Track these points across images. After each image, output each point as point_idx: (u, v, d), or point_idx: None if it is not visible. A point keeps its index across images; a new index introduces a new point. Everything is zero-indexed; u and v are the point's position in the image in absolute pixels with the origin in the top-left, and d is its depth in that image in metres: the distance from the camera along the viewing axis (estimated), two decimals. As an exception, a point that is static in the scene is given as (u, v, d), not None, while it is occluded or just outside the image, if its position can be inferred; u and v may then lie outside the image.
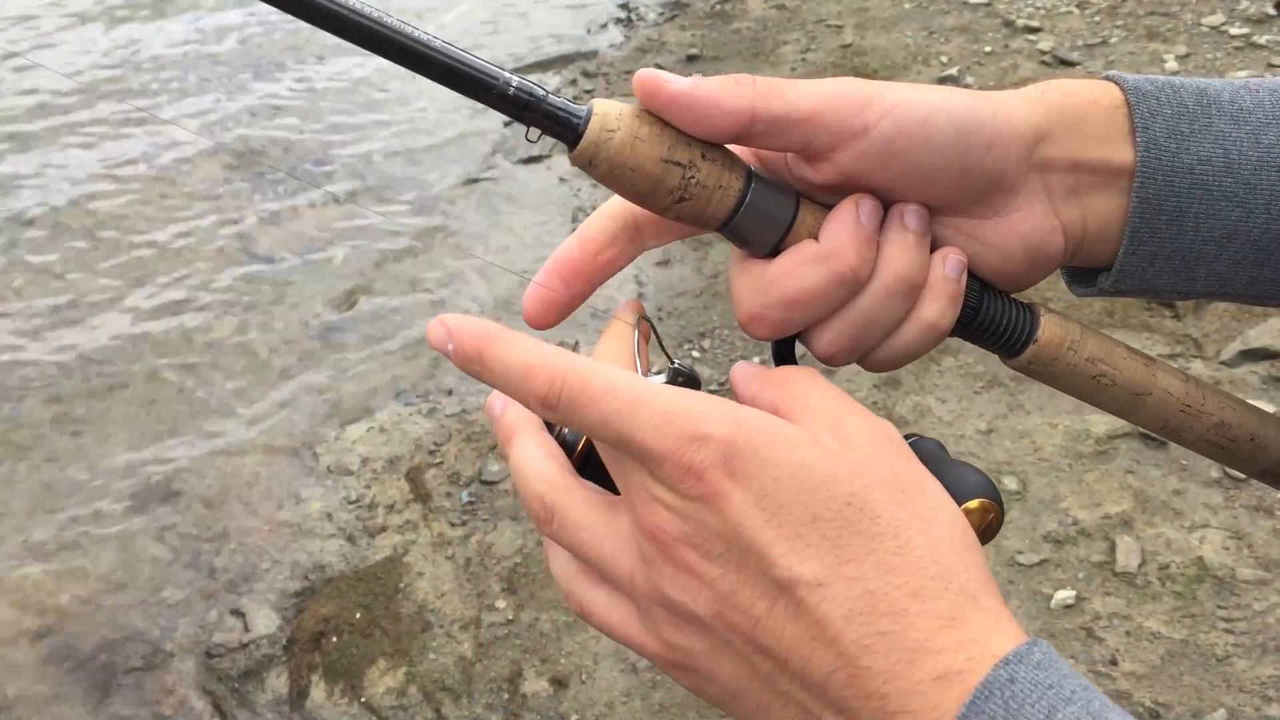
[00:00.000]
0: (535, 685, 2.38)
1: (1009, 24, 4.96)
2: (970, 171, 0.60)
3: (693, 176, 0.57)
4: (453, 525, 2.76)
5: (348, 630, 2.53)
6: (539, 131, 0.57)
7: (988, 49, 4.79)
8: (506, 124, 4.53)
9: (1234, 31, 4.57)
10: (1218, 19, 4.69)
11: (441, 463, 2.95)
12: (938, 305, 0.61)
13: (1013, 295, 0.66)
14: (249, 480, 3.01)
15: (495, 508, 2.79)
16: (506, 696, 2.37)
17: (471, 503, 2.81)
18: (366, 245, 3.98)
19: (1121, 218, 0.63)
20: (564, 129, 0.57)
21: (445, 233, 4.02)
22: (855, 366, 0.66)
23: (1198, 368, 2.94)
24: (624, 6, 5.84)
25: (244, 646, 2.53)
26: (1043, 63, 4.58)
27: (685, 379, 0.69)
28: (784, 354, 0.65)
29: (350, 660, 2.47)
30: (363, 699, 2.40)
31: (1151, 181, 0.61)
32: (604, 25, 5.66)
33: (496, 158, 4.46)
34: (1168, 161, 0.61)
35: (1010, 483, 2.69)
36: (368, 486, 2.92)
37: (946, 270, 0.61)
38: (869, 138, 0.58)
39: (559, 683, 2.38)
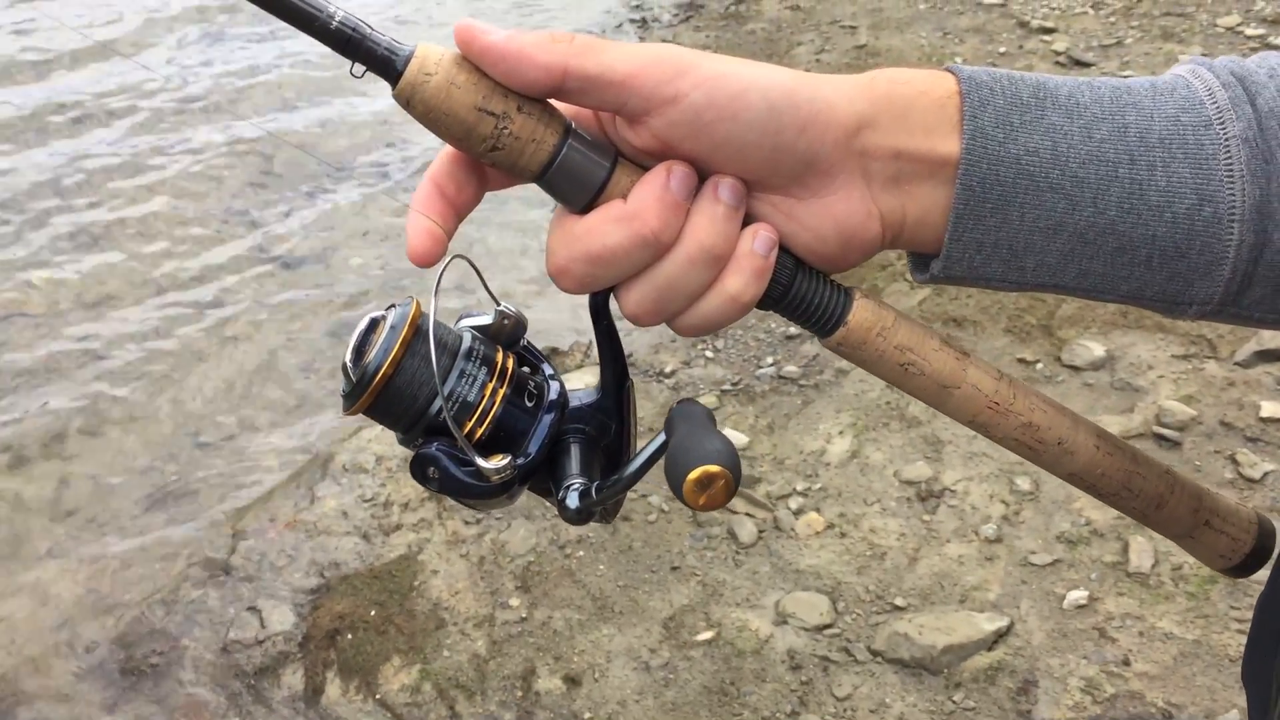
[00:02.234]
0: (548, 683, 2.39)
1: (1024, 25, 4.96)
2: (782, 150, 0.60)
3: (506, 127, 0.59)
4: (467, 524, 2.77)
5: (363, 627, 2.54)
6: (363, 68, 0.59)
7: (1002, 50, 4.78)
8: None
9: (1250, 32, 4.56)
10: (1234, 19, 4.68)
11: (456, 461, 2.97)
12: (741, 278, 0.62)
13: (832, 277, 0.67)
14: (266, 479, 3.03)
15: (509, 506, 2.80)
16: (520, 694, 2.38)
17: (486, 501, 2.82)
18: (382, 247, 4.00)
19: (945, 207, 0.63)
20: (385, 68, 0.58)
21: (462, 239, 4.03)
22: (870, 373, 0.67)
23: (1212, 369, 2.93)
24: (638, 8, 5.85)
25: (260, 643, 2.55)
26: (1058, 63, 4.57)
27: (513, 321, 0.70)
28: (599, 308, 0.66)
29: (365, 657, 2.49)
30: (377, 696, 2.42)
31: (976, 169, 0.61)
32: (619, 26, 5.67)
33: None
34: (994, 150, 0.61)
35: (1023, 483, 2.69)
36: (383, 485, 2.94)
37: (755, 245, 0.62)
38: (679, 106, 0.59)
39: (572, 680, 2.39)
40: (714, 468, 0.58)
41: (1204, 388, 2.89)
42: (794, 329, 3.32)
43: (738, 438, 2.93)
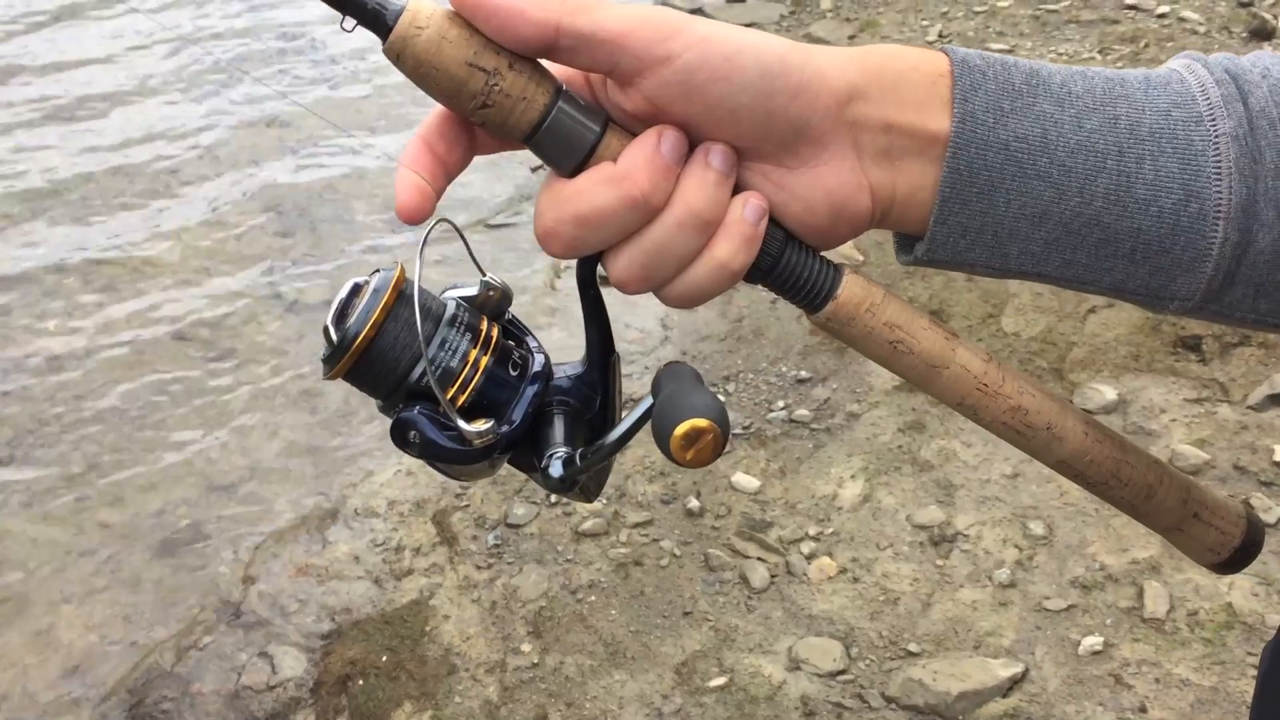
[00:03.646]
0: (560, 730, 2.38)
1: (1031, 70, 4.99)
2: (774, 115, 0.60)
3: (496, 84, 0.59)
4: (478, 568, 2.77)
5: (374, 673, 2.53)
6: (354, 22, 0.59)
7: (1010, 94, 4.81)
8: (534, 168, 4.57)
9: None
10: (1240, 64, 4.71)
11: (468, 506, 2.97)
12: (731, 245, 0.62)
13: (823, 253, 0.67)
14: (276, 523, 3.03)
15: (521, 551, 2.80)
16: (532, 741, 2.37)
17: (497, 546, 2.82)
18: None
19: (933, 186, 0.62)
20: (376, 21, 0.58)
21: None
22: (881, 411, 0.68)
23: (1225, 412, 2.93)
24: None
25: (271, 689, 2.54)
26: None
27: (499, 293, 0.71)
28: (586, 277, 0.66)
29: (376, 703, 2.48)
30: (388, 742, 2.41)
31: (964, 153, 0.61)
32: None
33: (524, 206, 4.50)
34: (983, 135, 0.61)
35: (1037, 527, 2.68)
36: (395, 529, 2.94)
37: (745, 213, 0.62)
38: (672, 66, 0.58)
39: (584, 727, 2.38)
40: (702, 422, 0.58)
41: (1217, 431, 2.88)
42: (805, 372, 3.32)
43: (749, 481, 2.93)
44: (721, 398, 3.27)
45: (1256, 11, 5.04)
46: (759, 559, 2.71)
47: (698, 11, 6.23)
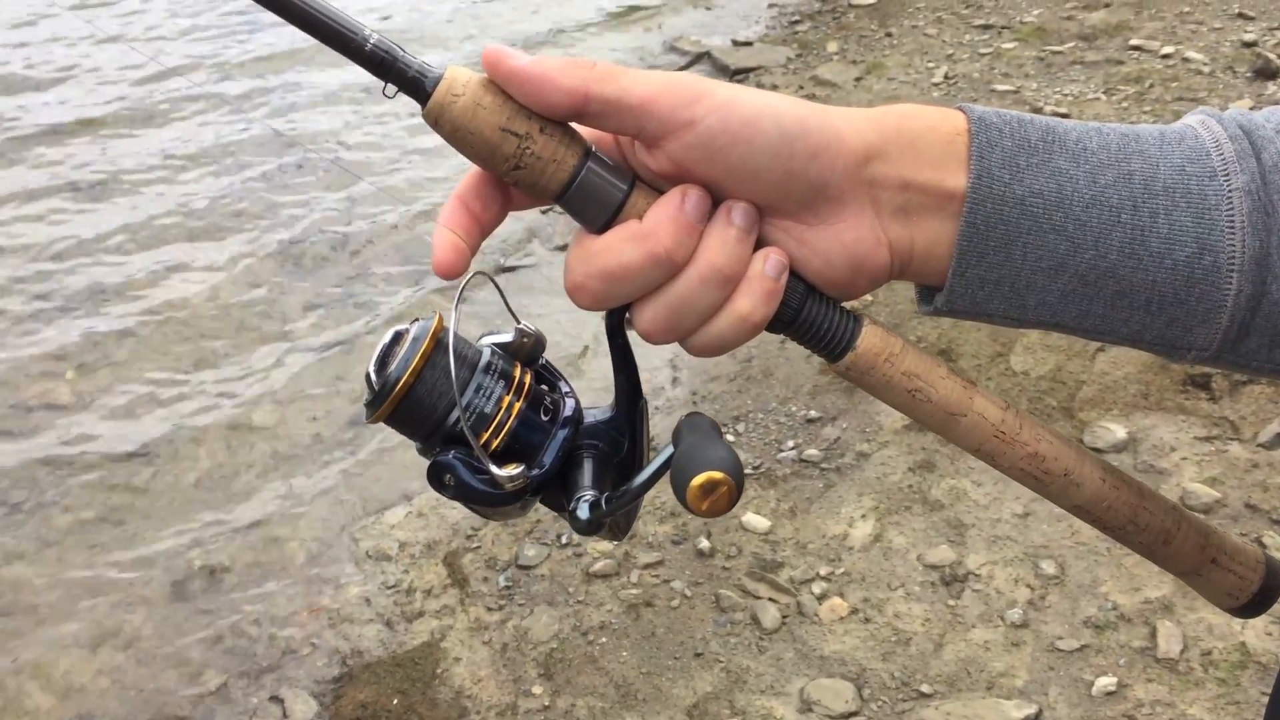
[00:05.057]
0: (572, 772, 2.37)
1: (1037, 110, 5.02)
2: (794, 176, 0.62)
3: (528, 147, 0.62)
4: (489, 610, 2.77)
5: (385, 716, 2.53)
6: (395, 89, 0.62)
7: (1016, 135, 4.84)
8: (544, 211, 4.60)
9: (1262, 116, 4.60)
10: (1245, 103, 4.73)
11: (479, 547, 2.97)
12: (752, 299, 0.64)
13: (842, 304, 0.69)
14: (288, 565, 3.04)
15: (532, 592, 2.80)
16: (543, 784, 2.36)
17: (508, 587, 2.82)
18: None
19: (950, 240, 0.64)
20: (415, 88, 0.62)
21: (480, 319, 4.08)
22: (891, 450, 0.69)
23: (1235, 450, 2.92)
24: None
25: (282, 732, 2.54)
26: (1071, 148, 4.62)
27: (532, 340, 0.73)
28: (614, 327, 0.69)
29: (387, 746, 2.47)
30: (400, 786, 2.40)
31: (981, 207, 0.63)
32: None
33: (533, 244, 4.53)
34: (999, 190, 0.63)
35: (1048, 567, 2.67)
36: (406, 571, 2.94)
37: (766, 268, 0.64)
38: (695, 130, 0.61)
39: (596, 770, 2.37)
40: (718, 474, 0.61)
41: (1228, 470, 2.88)
42: (815, 412, 3.33)
43: (759, 522, 2.93)
44: (731, 438, 3.27)
45: (1261, 51, 5.08)
46: (770, 599, 2.71)
47: (704, 55, 6.31)
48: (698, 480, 0.61)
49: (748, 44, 6.45)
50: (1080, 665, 2.46)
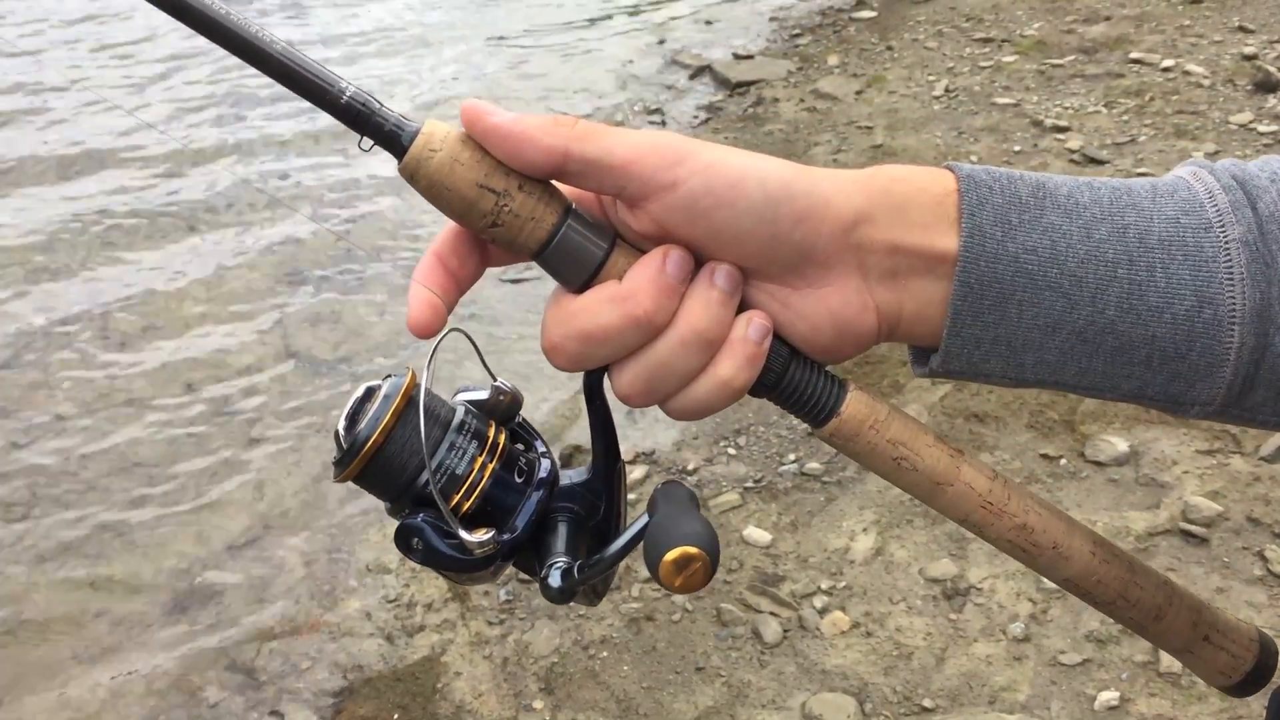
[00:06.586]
0: (573, 788, 2.37)
1: (1037, 124, 5.03)
2: (778, 240, 0.61)
3: (506, 205, 0.60)
4: (490, 624, 2.76)
5: (385, 731, 2.52)
6: (370, 142, 0.61)
7: (1017, 148, 4.85)
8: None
9: (1262, 129, 4.61)
10: (1246, 116, 4.74)
11: (479, 561, 2.96)
12: (734, 364, 0.62)
13: (827, 368, 0.67)
14: (288, 579, 3.03)
15: (533, 606, 2.80)
16: (544, 799, 2.35)
17: (509, 601, 2.82)
18: (407, 345, 4.04)
19: (943, 301, 0.63)
20: (391, 142, 0.60)
21: (485, 336, 4.09)
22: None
23: (1237, 464, 2.92)
24: (657, 111, 5.97)
25: (282, 747, 2.53)
26: (1072, 161, 4.63)
27: (509, 398, 0.71)
28: (593, 387, 0.67)
29: (388, 761, 2.46)
30: (400, 801, 2.39)
31: (974, 266, 0.62)
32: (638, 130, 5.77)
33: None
34: (992, 249, 0.62)
35: (1050, 580, 2.66)
36: (406, 585, 2.94)
37: (749, 332, 0.63)
38: (677, 193, 0.60)
39: (597, 785, 2.36)
40: (692, 549, 0.58)
41: (1230, 483, 2.87)
42: (816, 426, 3.32)
43: (761, 535, 2.92)
44: (732, 451, 3.27)
45: (1261, 64, 5.09)
46: (771, 613, 2.70)
47: (706, 69, 6.32)
48: (671, 555, 0.58)
49: (749, 57, 6.47)
50: (1083, 679, 2.45)
